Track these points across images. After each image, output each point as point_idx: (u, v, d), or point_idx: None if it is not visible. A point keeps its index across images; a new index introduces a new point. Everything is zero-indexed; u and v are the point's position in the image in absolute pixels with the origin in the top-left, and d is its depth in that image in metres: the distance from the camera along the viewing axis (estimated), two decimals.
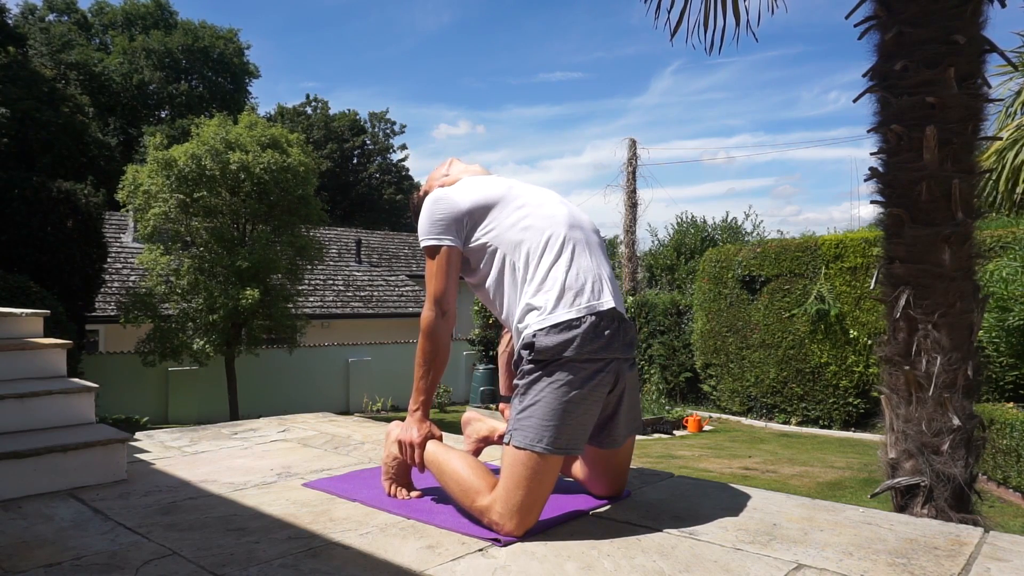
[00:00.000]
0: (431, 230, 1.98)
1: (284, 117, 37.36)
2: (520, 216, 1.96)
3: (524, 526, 1.76)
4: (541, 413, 1.77)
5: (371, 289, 18.89)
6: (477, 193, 2.01)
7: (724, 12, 4.30)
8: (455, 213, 1.97)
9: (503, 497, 1.77)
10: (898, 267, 3.07)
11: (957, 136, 2.97)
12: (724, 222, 20.11)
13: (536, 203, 2.00)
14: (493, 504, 1.78)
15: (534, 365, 1.81)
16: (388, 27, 72.10)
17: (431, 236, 1.98)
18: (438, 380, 2.03)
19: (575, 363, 1.79)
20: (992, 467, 6.47)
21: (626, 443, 2.03)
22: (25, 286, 7.59)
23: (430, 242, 1.98)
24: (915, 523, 1.92)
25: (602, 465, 2.05)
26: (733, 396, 12.33)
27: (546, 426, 1.76)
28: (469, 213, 1.97)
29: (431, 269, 1.97)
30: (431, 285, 1.96)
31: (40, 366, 2.76)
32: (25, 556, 1.69)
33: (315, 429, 3.36)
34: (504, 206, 1.98)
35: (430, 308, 1.95)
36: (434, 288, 1.95)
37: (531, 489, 1.75)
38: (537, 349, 1.80)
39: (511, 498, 1.76)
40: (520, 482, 1.75)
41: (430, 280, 1.97)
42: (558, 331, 1.79)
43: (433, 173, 2.39)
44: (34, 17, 31.97)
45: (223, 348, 11.86)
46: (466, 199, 1.99)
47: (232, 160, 11.35)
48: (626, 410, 1.97)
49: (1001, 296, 6.71)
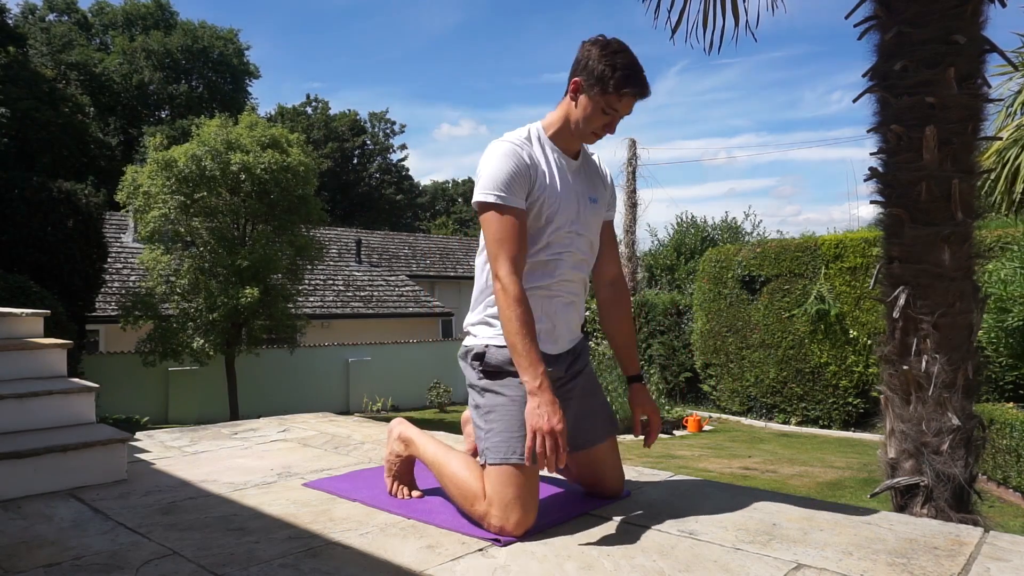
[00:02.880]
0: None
1: (284, 117, 37.36)
2: (551, 229, 1.91)
3: (524, 524, 1.77)
4: (502, 427, 1.83)
5: (371, 289, 18.89)
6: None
7: (723, 12, 4.29)
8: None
9: (496, 501, 1.79)
10: (897, 267, 3.07)
11: (957, 136, 2.97)
12: (724, 222, 20.11)
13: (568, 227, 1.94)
14: (490, 509, 1.80)
15: (483, 375, 1.91)
16: (394, 28, 72.26)
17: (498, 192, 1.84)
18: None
19: (512, 374, 1.86)
20: (992, 467, 6.47)
21: (603, 443, 2.06)
22: (25, 286, 7.59)
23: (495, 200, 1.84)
24: (915, 523, 1.92)
25: (586, 467, 2.08)
26: (733, 396, 12.33)
27: (513, 438, 1.81)
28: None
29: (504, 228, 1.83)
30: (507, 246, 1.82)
31: (40, 366, 2.76)
32: (25, 556, 1.69)
33: (315, 429, 3.36)
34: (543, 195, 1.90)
35: (514, 272, 1.80)
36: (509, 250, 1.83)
37: (520, 486, 1.78)
38: (487, 361, 1.90)
39: (503, 499, 1.78)
40: (505, 485, 1.78)
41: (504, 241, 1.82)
42: (502, 353, 1.88)
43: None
44: (34, 17, 31.99)
45: (223, 348, 11.86)
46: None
47: (232, 160, 11.35)
48: (580, 415, 2.02)
49: (1000, 296, 6.71)
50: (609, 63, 1.82)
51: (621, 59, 1.83)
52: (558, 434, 1.69)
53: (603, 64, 1.82)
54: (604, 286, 2.16)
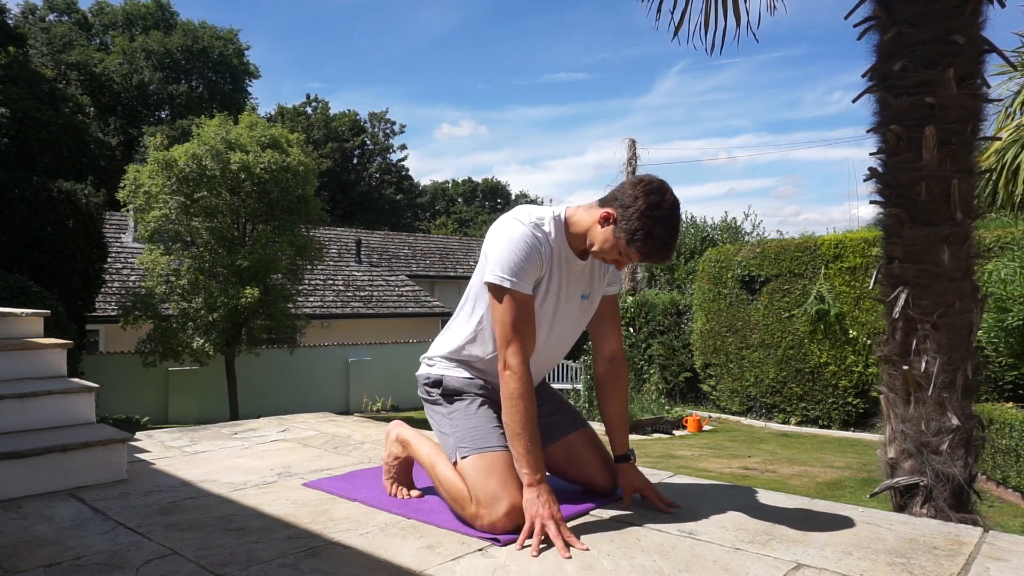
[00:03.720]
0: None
1: (284, 117, 37.36)
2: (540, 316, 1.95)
3: (513, 513, 1.78)
4: (469, 424, 1.95)
5: (371, 289, 18.89)
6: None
7: (725, 13, 4.30)
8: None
9: (481, 497, 1.81)
10: (897, 267, 3.07)
11: (956, 136, 2.97)
12: (723, 222, 20.13)
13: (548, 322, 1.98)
14: (478, 509, 1.81)
15: (443, 399, 2.05)
16: (394, 28, 72.31)
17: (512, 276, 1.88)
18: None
19: (471, 392, 2.03)
20: (991, 467, 6.47)
21: (577, 432, 2.13)
22: (25, 286, 7.59)
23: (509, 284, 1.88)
24: (914, 523, 1.92)
25: (568, 459, 2.13)
26: (733, 396, 12.33)
27: (481, 428, 1.92)
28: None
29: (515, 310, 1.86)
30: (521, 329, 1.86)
31: (40, 366, 2.76)
32: (25, 556, 1.69)
33: (315, 429, 3.36)
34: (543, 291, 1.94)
35: (524, 363, 1.84)
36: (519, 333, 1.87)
37: (499, 472, 1.82)
38: (445, 386, 2.05)
39: (487, 492, 1.80)
40: (484, 477, 1.82)
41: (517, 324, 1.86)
42: (459, 379, 2.06)
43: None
44: (34, 17, 31.99)
45: (223, 348, 11.86)
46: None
47: (232, 160, 11.35)
48: (549, 412, 2.10)
49: (1000, 296, 6.71)
50: (646, 229, 1.76)
51: (659, 230, 1.77)
52: (559, 520, 1.74)
53: (640, 225, 1.76)
54: (602, 361, 2.15)
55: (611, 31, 72.90)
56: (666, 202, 1.78)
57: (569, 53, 75.46)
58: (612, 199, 1.84)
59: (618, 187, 1.86)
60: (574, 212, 1.93)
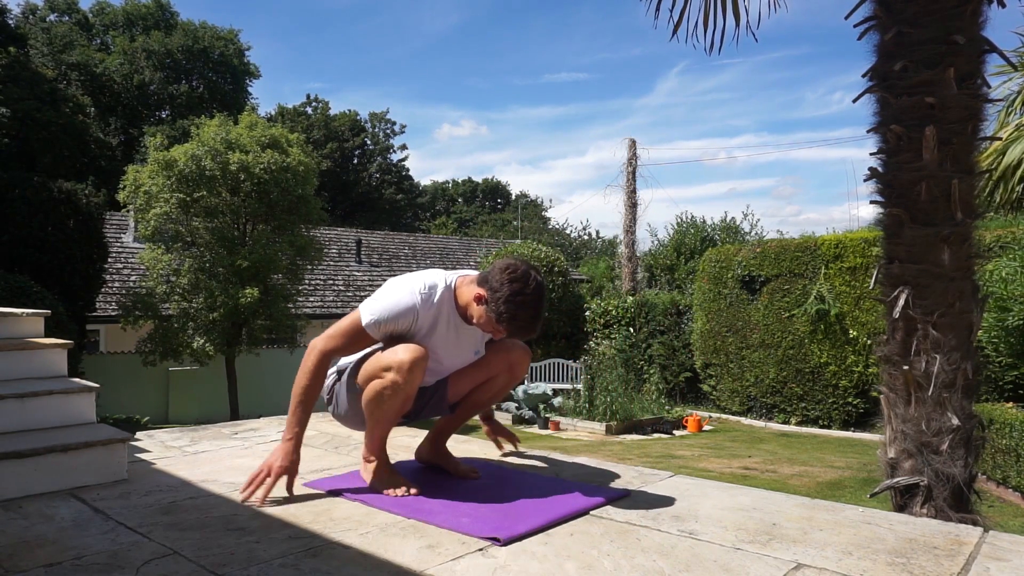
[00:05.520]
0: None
1: (284, 117, 37.36)
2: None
3: (417, 355, 2.01)
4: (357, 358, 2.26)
5: (371, 289, 18.88)
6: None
7: (724, 12, 4.30)
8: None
9: (386, 357, 2.05)
10: (897, 267, 3.07)
11: (957, 136, 2.97)
12: (723, 222, 20.13)
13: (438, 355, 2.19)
14: (386, 373, 2.03)
15: (336, 374, 2.37)
16: (395, 28, 72.29)
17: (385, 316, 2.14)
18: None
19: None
20: (991, 467, 6.47)
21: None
22: (26, 286, 7.59)
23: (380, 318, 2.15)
24: (914, 523, 1.92)
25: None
26: (733, 396, 12.33)
27: (375, 317, 2.11)
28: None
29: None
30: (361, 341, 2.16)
31: (40, 366, 2.76)
32: (26, 556, 1.69)
33: (315, 429, 3.36)
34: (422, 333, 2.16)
35: (326, 355, 2.14)
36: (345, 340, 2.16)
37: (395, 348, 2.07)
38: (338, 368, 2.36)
39: (394, 353, 2.04)
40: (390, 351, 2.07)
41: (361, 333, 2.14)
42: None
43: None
44: (35, 17, 31.99)
45: (223, 348, 11.86)
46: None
47: (232, 160, 11.35)
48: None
49: (1000, 296, 6.71)
50: (510, 313, 2.00)
51: (522, 313, 2.00)
52: (279, 474, 2.06)
53: (505, 309, 1.99)
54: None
55: (612, 31, 72.90)
56: (528, 288, 2.00)
57: (570, 53, 75.47)
58: (484, 281, 2.07)
59: (490, 269, 2.08)
60: (461, 284, 2.17)
